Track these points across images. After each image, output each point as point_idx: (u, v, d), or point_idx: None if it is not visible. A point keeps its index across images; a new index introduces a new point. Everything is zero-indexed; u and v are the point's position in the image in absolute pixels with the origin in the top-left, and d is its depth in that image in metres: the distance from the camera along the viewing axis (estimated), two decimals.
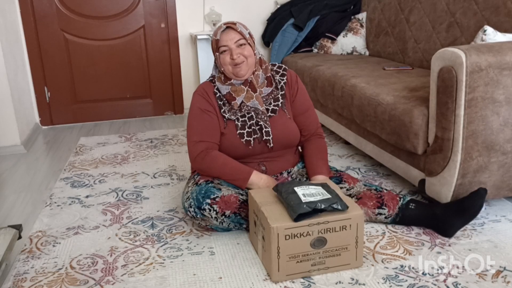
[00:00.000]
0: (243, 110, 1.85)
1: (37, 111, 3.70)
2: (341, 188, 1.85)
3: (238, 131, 1.84)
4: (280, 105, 1.89)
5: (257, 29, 3.95)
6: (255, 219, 1.63)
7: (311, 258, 1.52)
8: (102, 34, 3.69)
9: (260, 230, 1.58)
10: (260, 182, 1.77)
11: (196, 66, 3.89)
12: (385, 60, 3.24)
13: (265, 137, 1.83)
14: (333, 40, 3.65)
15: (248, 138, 1.83)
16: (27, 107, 3.48)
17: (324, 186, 1.60)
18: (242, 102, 1.86)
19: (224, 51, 1.82)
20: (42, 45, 3.59)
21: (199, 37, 3.64)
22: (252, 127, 1.84)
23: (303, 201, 1.49)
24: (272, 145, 1.84)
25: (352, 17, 3.70)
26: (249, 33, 1.87)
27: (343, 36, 3.64)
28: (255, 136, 1.84)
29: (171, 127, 3.57)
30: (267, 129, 1.83)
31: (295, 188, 1.56)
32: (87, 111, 3.81)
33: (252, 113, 1.85)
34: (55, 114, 3.76)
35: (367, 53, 3.59)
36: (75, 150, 3.06)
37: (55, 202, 2.22)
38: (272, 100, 1.89)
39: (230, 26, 1.82)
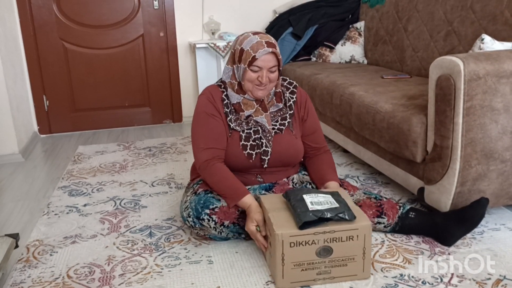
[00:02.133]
0: (250, 124, 1.82)
1: (36, 119, 3.70)
2: None
3: (242, 142, 1.81)
4: (286, 124, 1.86)
5: None
6: None
7: (316, 267, 1.51)
8: (101, 43, 3.70)
9: (268, 236, 1.58)
10: (245, 207, 1.68)
11: (194, 75, 3.90)
12: (384, 69, 3.25)
13: (262, 156, 1.81)
14: (331, 48, 3.66)
15: (250, 151, 1.81)
16: (26, 116, 3.47)
17: (334, 194, 1.59)
18: (250, 115, 1.83)
19: (256, 70, 1.73)
20: (41, 53, 3.60)
21: (198, 45, 3.65)
22: (256, 141, 1.81)
23: (310, 209, 1.48)
24: (266, 166, 1.82)
25: (350, 26, 3.72)
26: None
27: (342, 45, 3.65)
28: (258, 151, 1.81)
29: (169, 136, 3.57)
30: (267, 149, 1.80)
31: (304, 196, 1.56)
32: (85, 119, 3.81)
33: (259, 127, 1.82)
34: (53, 123, 3.75)
35: (366, 61, 3.61)
36: (73, 158, 3.05)
37: (53, 211, 2.21)
38: (279, 118, 1.86)
39: (273, 51, 1.72)
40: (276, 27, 3.76)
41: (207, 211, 1.70)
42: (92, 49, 3.70)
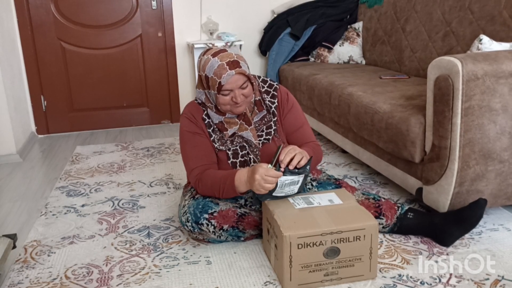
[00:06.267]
0: (234, 142, 1.79)
1: (33, 119, 3.69)
2: None
3: (231, 160, 1.78)
4: (272, 132, 1.82)
5: (254, 38, 3.97)
6: (268, 227, 1.62)
7: (324, 268, 1.51)
8: (99, 43, 3.69)
9: (273, 238, 1.57)
10: (243, 179, 1.62)
11: (193, 75, 3.90)
12: (382, 69, 3.25)
13: None
14: (329, 49, 3.67)
15: (240, 168, 1.76)
16: (23, 116, 3.46)
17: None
18: (235, 132, 1.78)
19: (227, 94, 1.68)
20: (38, 53, 3.59)
21: (196, 46, 3.64)
22: (244, 157, 1.79)
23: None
24: None
25: (349, 26, 3.72)
26: (247, 66, 1.72)
27: (340, 45, 3.65)
28: (247, 167, 1.76)
29: (167, 136, 3.56)
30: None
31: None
32: (83, 119, 3.81)
33: (244, 143, 1.79)
34: (51, 123, 3.75)
35: (364, 62, 3.61)
36: (71, 159, 3.05)
37: (51, 211, 2.21)
38: (264, 127, 1.82)
39: (237, 72, 1.64)
40: (274, 27, 3.76)
41: (206, 215, 1.69)
42: (90, 49, 3.69)
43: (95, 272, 1.66)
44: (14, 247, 1.73)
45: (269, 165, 1.55)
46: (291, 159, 1.56)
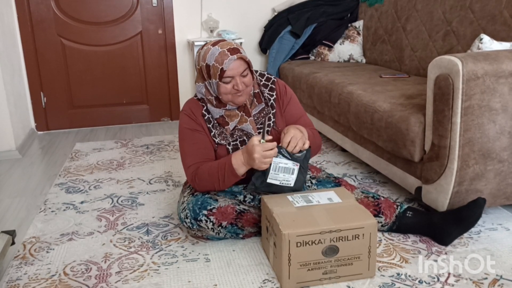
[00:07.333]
0: (235, 136, 1.79)
1: (33, 116, 3.69)
2: None
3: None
4: (271, 124, 1.83)
5: (254, 36, 3.96)
6: (267, 225, 1.62)
7: (323, 266, 1.51)
8: (99, 40, 3.69)
9: (272, 236, 1.57)
10: (240, 162, 1.66)
11: (193, 73, 3.89)
12: (382, 68, 3.25)
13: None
14: (330, 47, 3.66)
15: None
16: (23, 112, 3.46)
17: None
18: (235, 126, 1.79)
19: (228, 81, 1.68)
20: (38, 49, 3.59)
21: (196, 43, 3.64)
22: None
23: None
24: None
25: (349, 25, 3.71)
26: (246, 56, 1.72)
27: (340, 44, 3.65)
28: (240, 149, 1.77)
29: (167, 133, 3.56)
30: None
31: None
32: (83, 116, 3.80)
33: (244, 137, 1.79)
34: (51, 119, 3.74)
35: (364, 60, 3.61)
36: (71, 155, 3.05)
37: (50, 208, 2.21)
38: (263, 120, 1.82)
39: (238, 57, 1.65)
40: (275, 25, 3.76)
41: (205, 212, 1.69)
42: (90, 46, 3.69)
43: (94, 269, 1.67)
44: (13, 243, 1.73)
45: (262, 140, 1.59)
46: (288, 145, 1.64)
